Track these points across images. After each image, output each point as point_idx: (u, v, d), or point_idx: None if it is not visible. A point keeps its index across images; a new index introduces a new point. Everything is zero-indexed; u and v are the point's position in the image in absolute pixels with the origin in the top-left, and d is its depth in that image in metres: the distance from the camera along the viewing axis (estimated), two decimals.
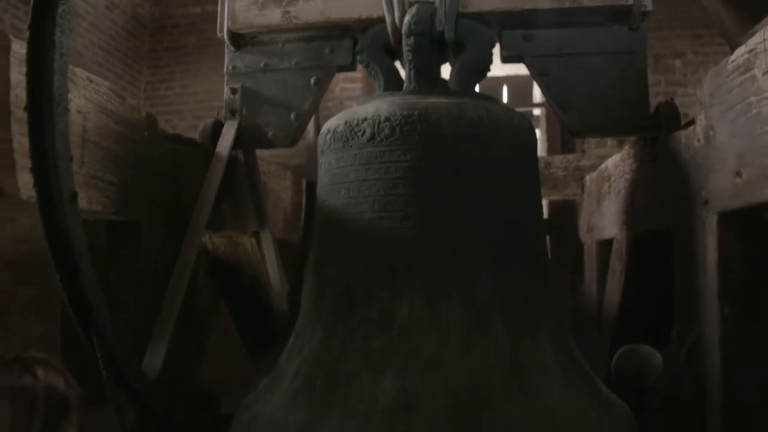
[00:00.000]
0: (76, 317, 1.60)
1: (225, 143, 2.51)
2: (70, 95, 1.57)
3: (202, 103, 6.03)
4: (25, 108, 1.49)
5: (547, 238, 3.25)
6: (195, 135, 2.68)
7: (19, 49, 1.58)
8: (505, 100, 7.68)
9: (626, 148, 2.75)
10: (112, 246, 2.12)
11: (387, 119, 1.84)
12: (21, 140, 1.56)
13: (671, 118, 2.32)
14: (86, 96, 1.84)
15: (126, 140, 2.06)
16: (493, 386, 1.69)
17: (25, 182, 1.56)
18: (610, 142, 4.42)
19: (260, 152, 2.88)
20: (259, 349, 2.95)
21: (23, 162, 1.55)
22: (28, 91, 1.47)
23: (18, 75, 1.57)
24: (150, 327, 2.07)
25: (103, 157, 1.93)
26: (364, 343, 1.77)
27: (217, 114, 2.69)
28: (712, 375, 1.85)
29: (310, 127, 3.06)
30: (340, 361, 1.77)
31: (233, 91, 2.62)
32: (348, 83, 5.39)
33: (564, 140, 5.35)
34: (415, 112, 1.83)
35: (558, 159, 4.23)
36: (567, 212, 4.12)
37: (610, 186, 3.04)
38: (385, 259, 1.81)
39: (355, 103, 2.11)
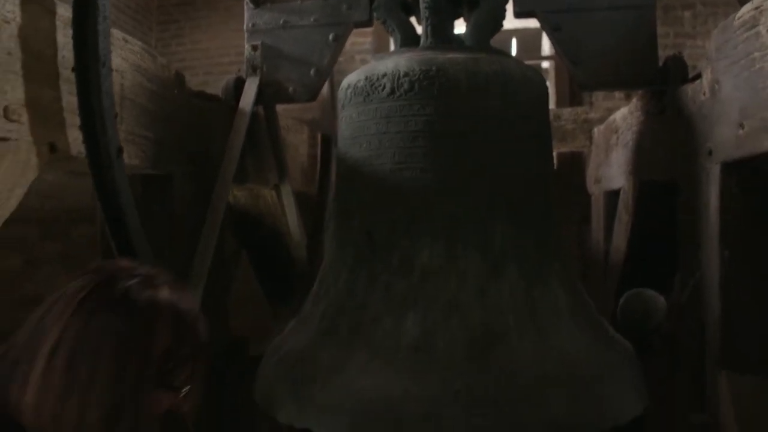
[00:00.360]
0: None
1: (247, 99, 2.57)
2: None
3: (212, 58, 6.04)
4: (73, 69, 1.58)
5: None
6: (208, 90, 2.72)
7: (63, 12, 1.64)
8: (514, 53, 7.64)
9: (634, 101, 2.77)
10: (147, 200, 2.19)
11: (406, 74, 1.89)
12: (69, 99, 1.63)
13: (679, 72, 2.35)
14: (122, 56, 1.90)
15: (158, 97, 2.12)
16: (507, 326, 1.77)
17: (74, 138, 1.65)
18: (617, 94, 4.45)
19: (276, 107, 2.94)
20: (279, 297, 3.05)
21: (72, 120, 1.63)
22: (75, 53, 1.55)
23: (63, 37, 1.63)
24: (183, 275, 2.15)
25: (139, 114, 2.00)
26: (386, 288, 1.84)
27: (239, 71, 2.75)
28: (712, 317, 1.91)
29: None
30: (364, 305, 1.85)
31: (254, 47, 2.66)
32: (359, 38, 5.36)
33: (572, 93, 5.36)
34: (433, 68, 1.88)
35: (567, 111, 4.24)
36: (575, 164, 4.16)
37: (617, 138, 3.05)
38: (405, 209, 1.87)
39: (373, 59, 2.15)
